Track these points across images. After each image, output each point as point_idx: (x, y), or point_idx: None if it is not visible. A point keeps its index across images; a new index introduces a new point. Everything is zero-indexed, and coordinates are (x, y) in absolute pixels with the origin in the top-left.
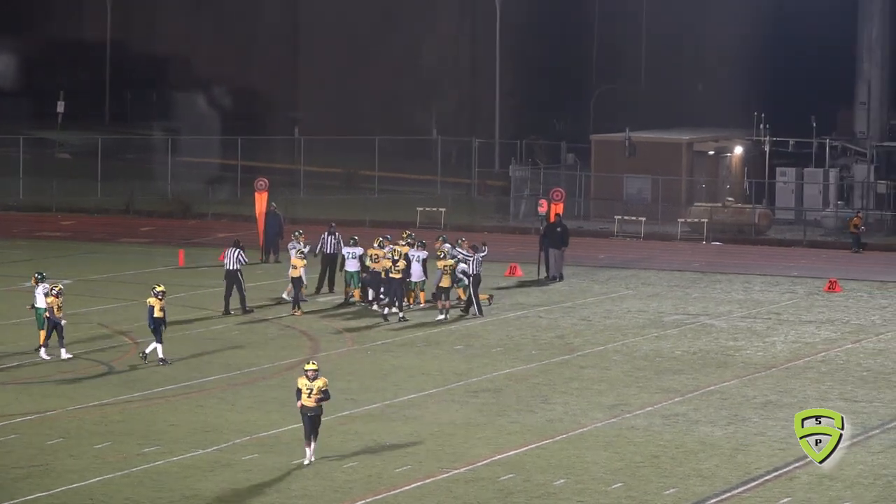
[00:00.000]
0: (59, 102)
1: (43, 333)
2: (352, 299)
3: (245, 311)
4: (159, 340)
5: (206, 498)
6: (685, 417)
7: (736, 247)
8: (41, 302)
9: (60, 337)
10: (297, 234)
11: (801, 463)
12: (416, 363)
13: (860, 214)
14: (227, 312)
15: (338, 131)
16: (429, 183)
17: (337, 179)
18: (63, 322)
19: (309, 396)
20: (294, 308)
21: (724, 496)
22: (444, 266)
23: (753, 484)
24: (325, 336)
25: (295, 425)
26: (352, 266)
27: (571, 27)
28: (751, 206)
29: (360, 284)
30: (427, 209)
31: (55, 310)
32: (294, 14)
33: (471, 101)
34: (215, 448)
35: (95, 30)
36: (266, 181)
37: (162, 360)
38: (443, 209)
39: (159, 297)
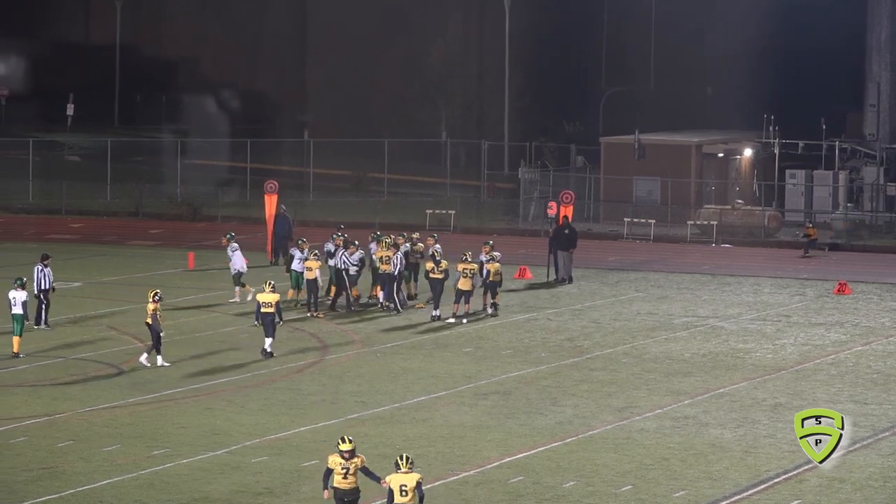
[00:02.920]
0: (68, 105)
1: (17, 340)
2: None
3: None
4: (271, 334)
5: (216, 501)
6: (695, 420)
7: (745, 249)
8: (19, 308)
9: (158, 344)
10: (228, 235)
11: (810, 465)
12: (425, 365)
13: (811, 225)
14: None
15: (347, 134)
16: (438, 185)
17: (346, 182)
18: (162, 334)
19: (345, 478)
20: (313, 310)
21: (733, 498)
22: (465, 269)
23: (763, 486)
24: (334, 338)
25: (303, 428)
26: (298, 266)
27: (580, 29)
28: (760, 208)
29: (297, 286)
30: (436, 211)
31: (158, 316)
32: (302, 17)
33: (480, 103)
34: (225, 451)
35: (104, 32)
36: (276, 183)
37: (265, 350)
38: (452, 211)
39: (273, 290)
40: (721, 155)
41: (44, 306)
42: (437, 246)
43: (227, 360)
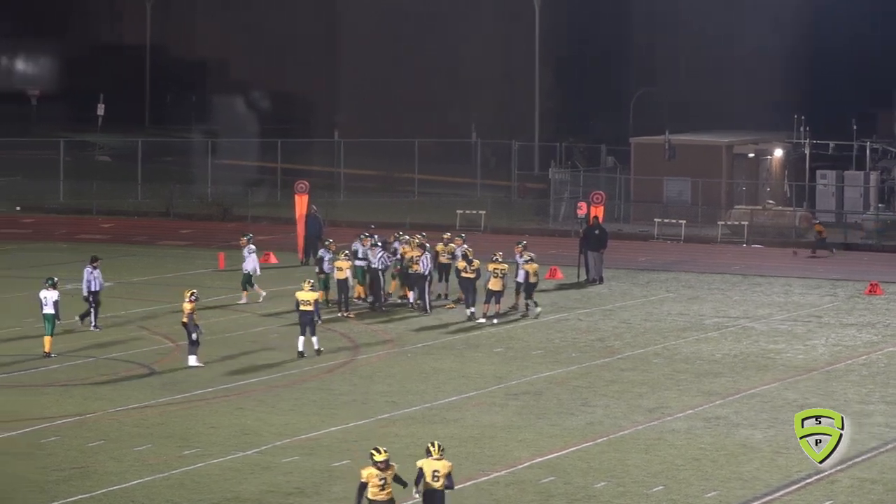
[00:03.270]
0: (98, 105)
1: (48, 339)
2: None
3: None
4: (313, 332)
5: (246, 501)
6: (725, 420)
7: (776, 249)
8: (50, 308)
9: (192, 344)
10: (247, 236)
11: (842, 466)
12: (455, 366)
13: (818, 222)
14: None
15: (377, 134)
16: (468, 185)
17: (376, 182)
18: (194, 335)
19: (382, 489)
20: (344, 310)
21: (764, 499)
22: (496, 269)
23: (794, 487)
24: (365, 338)
25: (334, 428)
26: (327, 268)
27: (610, 29)
28: (791, 208)
29: (326, 287)
30: (467, 212)
31: (194, 316)
32: (333, 17)
33: (510, 103)
34: (255, 451)
35: (135, 33)
36: (306, 183)
37: (317, 350)
38: (482, 212)
39: (314, 289)
40: (752, 155)
41: (93, 308)
42: (465, 246)
43: (257, 360)
